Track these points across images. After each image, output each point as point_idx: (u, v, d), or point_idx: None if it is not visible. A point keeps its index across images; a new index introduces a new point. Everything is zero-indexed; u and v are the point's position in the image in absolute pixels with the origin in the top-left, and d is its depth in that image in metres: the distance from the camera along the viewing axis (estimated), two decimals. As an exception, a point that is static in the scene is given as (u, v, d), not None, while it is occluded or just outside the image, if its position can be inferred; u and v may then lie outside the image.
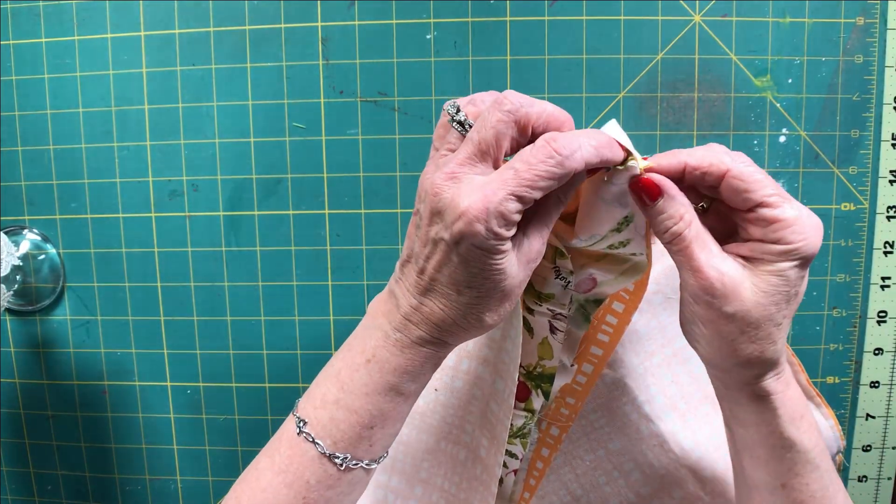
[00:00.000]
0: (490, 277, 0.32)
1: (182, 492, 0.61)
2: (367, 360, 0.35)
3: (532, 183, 0.30)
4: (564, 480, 0.52)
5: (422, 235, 0.33)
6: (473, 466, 0.47)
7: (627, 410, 0.51)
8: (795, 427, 0.36)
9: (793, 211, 0.32)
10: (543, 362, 0.42)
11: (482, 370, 0.47)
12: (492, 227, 0.30)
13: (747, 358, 0.35)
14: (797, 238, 0.32)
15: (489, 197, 0.30)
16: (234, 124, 0.56)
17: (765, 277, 0.33)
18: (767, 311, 0.33)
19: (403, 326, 0.34)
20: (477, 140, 0.32)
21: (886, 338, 0.56)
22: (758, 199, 0.32)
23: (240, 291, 0.58)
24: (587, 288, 0.41)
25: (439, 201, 0.31)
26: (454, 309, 0.33)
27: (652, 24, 0.53)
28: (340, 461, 0.35)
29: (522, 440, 0.44)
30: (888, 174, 0.54)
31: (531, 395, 0.43)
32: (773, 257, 0.33)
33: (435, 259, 0.32)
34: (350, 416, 0.34)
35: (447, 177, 0.32)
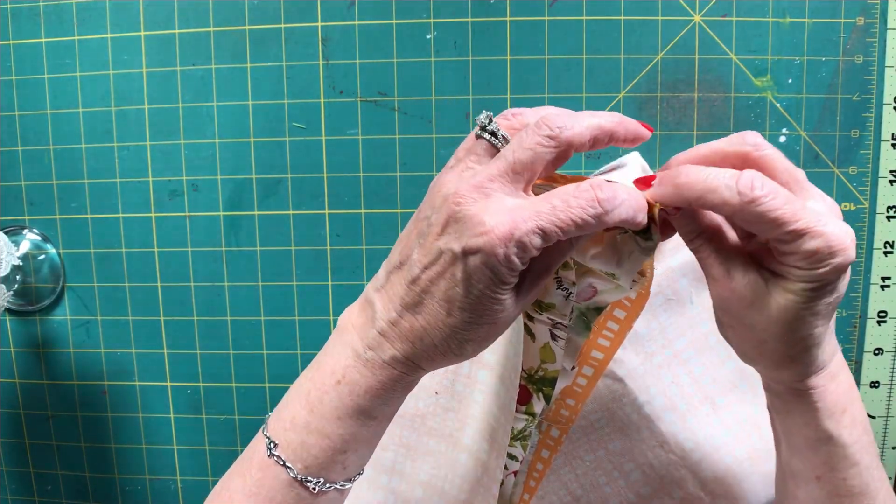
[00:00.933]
0: (486, 304, 0.30)
1: (182, 492, 0.61)
2: (336, 382, 0.33)
3: (564, 225, 0.29)
4: (564, 481, 0.52)
5: (427, 243, 0.31)
6: (475, 469, 0.47)
7: (627, 411, 0.51)
8: (835, 421, 0.34)
9: (812, 243, 0.28)
10: (545, 366, 0.42)
11: (484, 374, 0.47)
12: (510, 254, 0.28)
13: (777, 363, 0.33)
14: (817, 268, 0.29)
15: (518, 223, 0.28)
16: (234, 124, 0.56)
17: (787, 296, 0.30)
18: (793, 325, 0.31)
19: (377, 343, 0.32)
20: (511, 160, 0.30)
21: (886, 338, 0.56)
22: (769, 236, 0.30)
23: (240, 291, 0.58)
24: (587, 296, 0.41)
25: (460, 211, 0.29)
26: (438, 330, 0.31)
27: (652, 24, 0.53)
28: (313, 485, 0.33)
29: (523, 442, 0.44)
30: (888, 174, 0.54)
31: (532, 398, 0.43)
32: (795, 279, 0.30)
33: (434, 270, 0.30)
34: (322, 440, 0.33)
35: (474, 188, 0.30)
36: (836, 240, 0.29)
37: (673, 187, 0.31)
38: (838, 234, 0.29)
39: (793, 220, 0.28)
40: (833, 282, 0.30)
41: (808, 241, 0.28)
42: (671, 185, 0.31)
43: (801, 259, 0.29)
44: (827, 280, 0.29)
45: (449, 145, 0.56)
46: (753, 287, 0.31)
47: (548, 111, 0.32)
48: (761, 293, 0.31)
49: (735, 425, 0.51)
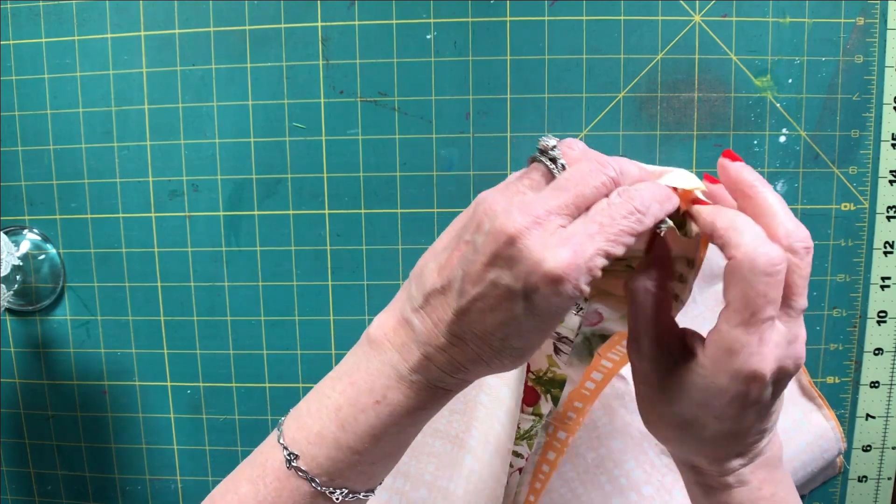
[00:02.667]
0: (547, 329, 0.30)
1: (182, 492, 0.61)
2: (375, 402, 0.31)
3: (617, 239, 0.28)
4: (566, 478, 0.52)
5: (473, 272, 0.29)
6: (479, 472, 0.47)
7: (630, 409, 0.51)
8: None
9: (736, 336, 0.29)
10: (553, 369, 0.42)
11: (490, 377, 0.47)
12: (580, 285, 0.28)
13: (655, 434, 0.34)
14: (718, 362, 0.29)
15: (579, 253, 0.27)
16: (234, 124, 0.56)
17: (682, 380, 0.31)
18: (677, 416, 0.32)
19: (423, 367, 0.31)
20: (576, 193, 0.29)
21: (886, 338, 0.56)
22: (726, 296, 0.29)
23: (240, 291, 0.58)
24: (593, 321, 0.41)
25: (514, 246, 0.28)
26: (492, 353, 0.30)
27: (652, 24, 0.53)
28: (337, 496, 0.32)
29: (529, 441, 0.44)
30: (888, 174, 0.55)
31: (540, 399, 0.43)
32: (697, 365, 0.31)
33: (486, 302, 0.29)
34: (351, 456, 0.32)
35: (532, 220, 0.28)
36: (749, 354, 0.29)
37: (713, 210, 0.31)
38: (759, 354, 0.29)
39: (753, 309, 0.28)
40: (725, 395, 0.30)
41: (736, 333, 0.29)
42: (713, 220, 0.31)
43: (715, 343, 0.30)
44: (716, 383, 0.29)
45: (449, 145, 0.56)
46: (662, 355, 0.32)
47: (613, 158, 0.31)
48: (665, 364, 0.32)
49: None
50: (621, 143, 0.55)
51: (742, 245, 0.29)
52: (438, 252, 0.31)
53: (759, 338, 0.29)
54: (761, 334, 0.29)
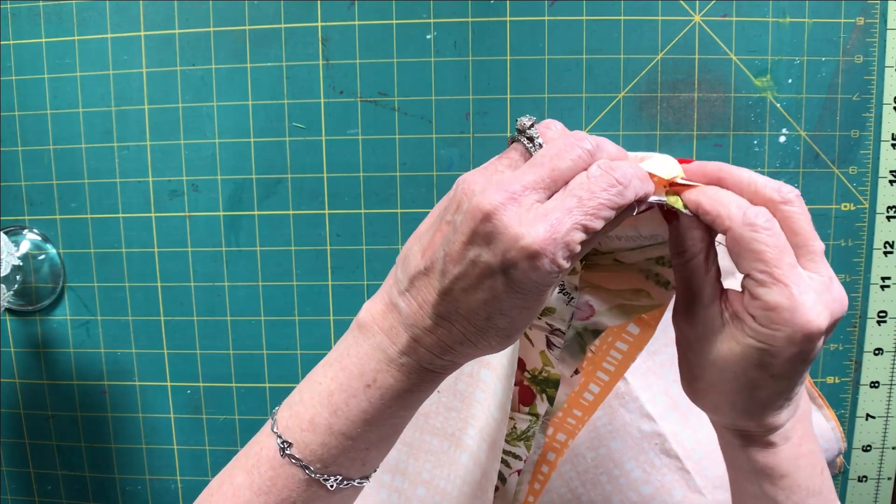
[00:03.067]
0: (532, 306, 0.30)
1: (182, 492, 0.61)
2: (366, 385, 0.31)
3: (596, 212, 0.28)
4: (566, 478, 0.52)
5: (453, 252, 0.29)
6: (474, 470, 0.47)
7: (630, 409, 0.51)
8: (771, 483, 0.34)
9: (777, 296, 0.29)
10: (548, 368, 0.42)
11: (485, 374, 0.47)
12: (557, 259, 0.27)
13: (705, 405, 0.34)
14: (769, 325, 0.29)
15: (556, 227, 0.27)
16: (234, 124, 0.56)
17: (731, 344, 0.31)
18: (724, 377, 0.32)
19: (412, 349, 0.31)
20: (551, 167, 0.29)
21: (886, 338, 0.56)
22: (745, 269, 0.30)
23: (240, 291, 0.58)
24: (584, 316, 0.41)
25: (490, 223, 0.28)
26: (478, 333, 0.30)
27: (652, 24, 0.53)
28: (331, 483, 0.32)
29: (526, 442, 0.44)
30: (888, 174, 0.54)
31: (536, 399, 0.43)
32: (746, 329, 0.30)
33: (467, 281, 0.29)
34: (344, 441, 0.32)
35: (507, 196, 0.28)
36: (802, 310, 0.28)
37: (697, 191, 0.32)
38: (808, 307, 0.28)
39: (773, 264, 0.29)
40: (779, 354, 0.29)
41: (774, 293, 0.29)
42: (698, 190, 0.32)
43: (760, 309, 0.29)
44: (773, 347, 0.29)
45: (449, 145, 0.56)
46: (707, 323, 0.32)
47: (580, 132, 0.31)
48: (711, 333, 0.32)
49: (735, 425, 0.51)
50: (621, 144, 0.55)
51: (732, 215, 0.30)
52: (422, 235, 0.32)
53: (798, 289, 0.29)
54: (797, 284, 0.29)
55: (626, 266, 0.39)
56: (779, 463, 0.33)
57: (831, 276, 0.30)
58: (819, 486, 0.35)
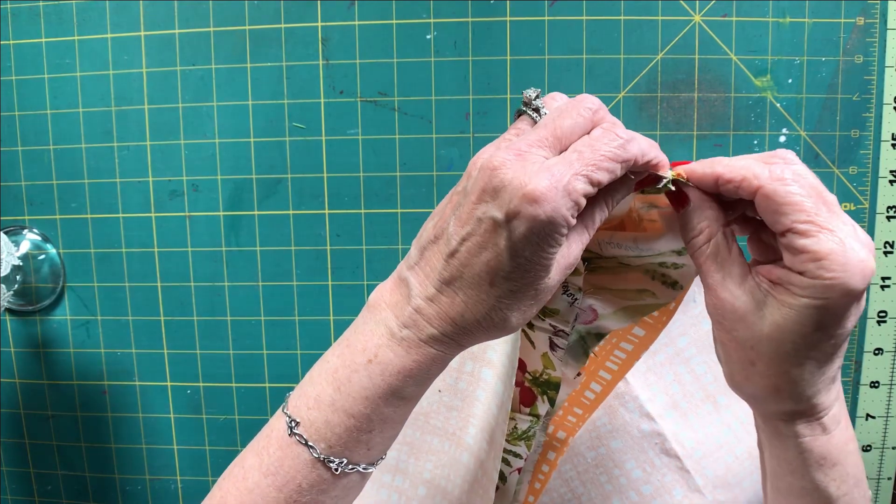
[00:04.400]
0: (533, 270, 0.29)
1: (182, 492, 0.61)
2: (367, 361, 0.32)
3: (598, 163, 0.29)
4: (566, 478, 0.52)
5: (463, 213, 0.30)
6: (475, 469, 0.47)
7: (629, 408, 0.51)
8: (823, 473, 0.33)
9: (828, 243, 0.28)
10: (548, 371, 0.42)
11: (486, 373, 0.47)
12: (559, 209, 0.28)
13: (763, 391, 0.32)
14: (825, 275, 0.28)
15: (557, 177, 0.28)
16: (234, 124, 0.56)
17: (784, 311, 0.29)
18: (782, 348, 0.30)
19: (413, 322, 0.31)
20: (553, 126, 0.30)
21: (886, 338, 0.56)
22: (787, 224, 0.29)
23: (240, 291, 0.58)
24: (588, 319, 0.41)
25: (497, 177, 0.29)
26: (480, 303, 0.30)
27: (652, 24, 0.54)
28: (336, 466, 0.32)
29: (527, 442, 0.44)
30: (888, 174, 0.55)
31: (537, 400, 0.43)
32: (797, 290, 0.29)
33: (473, 240, 0.29)
34: (347, 419, 0.32)
35: (513, 153, 0.29)
36: (855, 255, 0.28)
37: (707, 163, 0.32)
38: (858, 249, 0.28)
39: (814, 212, 0.28)
40: (837, 308, 0.28)
41: (822, 241, 0.28)
42: (706, 161, 0.32)
43: (811, 261, 0.28)
44: (831, 300, 0.28)
45: (449, 145, 0.56)
46: (748, 298, 0.31)
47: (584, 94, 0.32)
48: (757, 307, 0.30)
49: (736, 424, 0.51)
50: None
51: (758, 173, 0.29)
52: (435, 213, 0.33)
53: (843, 233, 0.28)
54: (840, 229, 0.28)
55: (632, 268, 0.39)
56: (832, 450, 0.33)
57: (853, 223, 0.30)
58: (862, 475, 0.34)
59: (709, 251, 0.32)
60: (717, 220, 0.32)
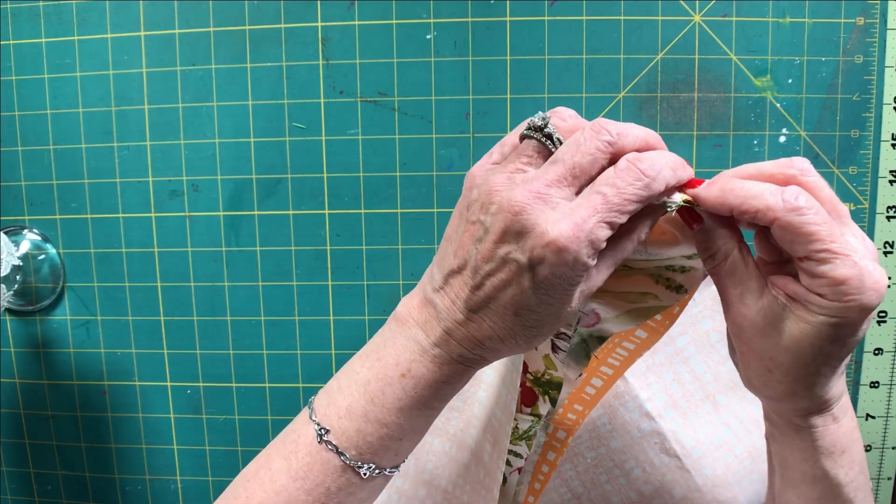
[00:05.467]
0: (556, 304, 0.31)
1: (182, 492, 0.61)
2: (401, 375, 0.33)
3: (621, 207, 0.29)
4: (566, 478, 0.52)
5: (485, 250, 0.31)
6: (476, 470, 0.47)
7: (629, 408, 0.51)
8: (833, 461, 0.34)
9: (845, 269, 0.28)
10: (550, 371, 0.42)
11: (488, 374, 0.47)
12: (581, 256, 0.29)
13: (780, 395, 0.33)
14: (843, 298, 0.29)
15: (580, 225, 0.28)
16: (234, 124, 0.56)
17: (802, 326, 0.30)
18: (801, 359, 0.31)
19: (444, 343, 0.32)
20: (572, 164, 0.30)
21: (886, 338, 0.56)
22: (804, 252, 0.29)
23: (240, 291, 0.58)
24: (590, 323, 0.41)
25: (519, 222, 0.29)
26: (506, 329, 0.32)
27: (652, 24, 0.54)
28: (365, 471, 0.34)
29: (528, 441, 0.44)
30: (888, 174, 0.55)
31: (538, 400, 0.43)
32: (816, 308, 0.30)
33: (498, 278, 0.30)
34: (380, 429, 0.33)
35: (534, 196, 0.29)
36: (870, 277, 0.29)
37: (719, 190, 0.31)
38: (873, 272, 0.29)
39: (829, 240, 0.29)
40: (854, 323, 0.29)
41: (841, 267, 0.29)
42: (718, 187, 0.31)
43: (829, 286, 0.29)
44: (848, 318, 0.29)
45: (449, 145, 0.56)
46: (767, 313, 0.31)
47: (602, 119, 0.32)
48: (775, 320, 0.31)
49: (736, 423, 0.51)
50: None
51: (771, 205, 0.29)
52: (451, 237, 0.33)
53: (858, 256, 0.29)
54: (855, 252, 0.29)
55: (637, 270, 0.39)
56: (840, 438, 0.34)
57: (862, 234, 0.31)
58: (864, 462, 0.36)
59: (726, 268, 0.32)
60: (733, 238, 0.32)
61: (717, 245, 0.32)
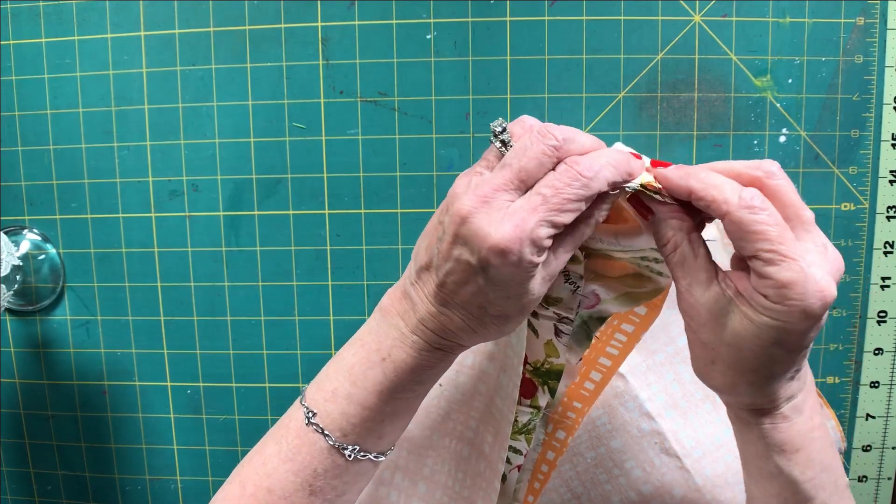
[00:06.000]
0: (513, 296, 0.32)
1: (182, 492, 0.61)
2: (382, 359, 0.35)
3: (560, 207, 0.30)
4: (566, 478, 0.52)
5: (443, 250, 0.32)
6: (477, 463, 0.47)
7: (629, 408, 0.51)
8: (786, 458, 0.34)
9: (789, 272, 0.29)
10: (551, 359, 0.42)
11: (487, 365, 0.47)
12: (524, 255, 0.30)
13: (720, 387, 0.34)
14: (784, 301, 0.29)
15: (521, 226, 0.30)
16: (234, 124, 0.56)
17: (745, 323, 0.31)
18: (742, 355, 0.32)
19: (420, 331, 0.34)
20: (517, 168, 0.31)
21: (886, 338, 0.56)
22: (751, 251, 0.30)
23: (240, 291, 0.58)
24: (590, 304, 0.41)
25: (465, 226, 0.31)
26: (475, 321, 0.34)
27: (652, 24, 0.54)
28: (349, 452, 0.35)
29: (527, 436, 0.44)
30: (888, 174, 0.55)
31: (538, 391, 0.43)
32: (759, 308, 0.30)
33: (456, 277, 0.32)
34: (362, 411, 0.35)
35: (479, 200, 0.31)
36: (815, 284, 0.29)
37: (684, 172, 0.32)
38: (819, 278, 0.29)
39: (777, 242, 0.29)
40: (797, 330, 0.30)
41: (784, 270, 0.29)
42: (683, 170, 0.32)
43: (772, 287, 0.29)
44: (790, 323, 0.29)
45: (449, 145, 0.56)
46: (712, 306, 0.32)
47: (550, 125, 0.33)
48: (720, 314, 0.32)
49: (735, 424, 0.51)
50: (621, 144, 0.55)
51: (728, 198, 0.30)
52: (426, 233, 0.35)
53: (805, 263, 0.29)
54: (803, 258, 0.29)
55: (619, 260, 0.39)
56: (793, 437, 0.34)
57: (825, 242, 0.31)
58: (830, 461, 0.35)
59: (676, 258, 0.33)
60: (683, 230, 0.33)
61: (668, 235, 0.33)
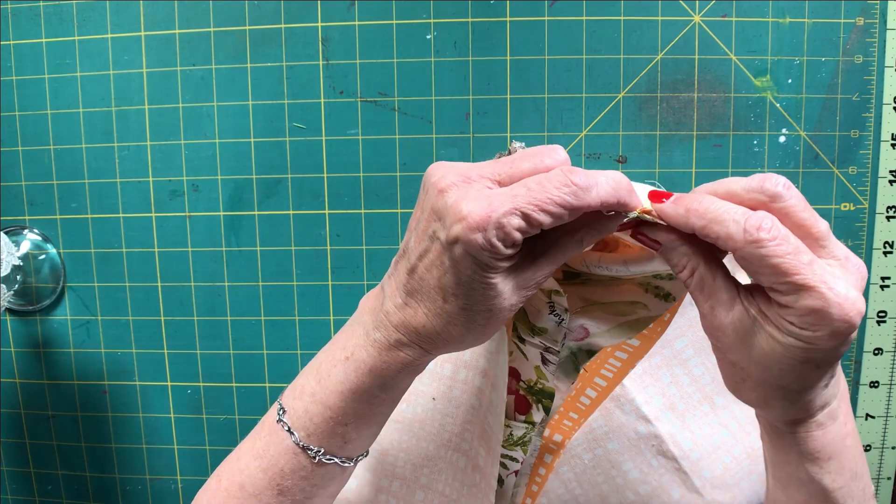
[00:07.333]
0: (478, 290, 0.30)
1: (182, 492, 0.61)
2: (345, 358, 0.34)
3: (541, 204, 0.28)
4: (564, 479, 0.52)
5: (420, 230, 0.32)
6: (473, 474, 0.47)
7: (626, 411, 0.51)
8: (818, 466, 0.33)
9: (810, 301, 0.27)
10: (542, 381, 0.42)
11: (480, 381, 0.47)
12: (490, 238, 0.28)
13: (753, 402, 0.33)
14: (811, 327, 0.28)
15: (494, 207, 0.28)
16: (234, 124, 0.56)
17: (772, 343, 0.29)
18: (772, 373, 0.30)
19: (384, 326, 0.33)
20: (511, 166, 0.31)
21: (886, 338, 0.56)
22: (767, 284, 0.28)
23: (240, 291, 0.58)
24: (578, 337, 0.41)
25: (442, 199, 0.30)
26: (437, 317, 0.32)
27: (652, 24, 0.53)
28: (313, 454, 0.34)
29: (523, 447, 0.44)
30: (888, 174, 0.54)
31: (532, 408, 0.43)
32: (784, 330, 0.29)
33: (428, 258, 0.31)
34: (324, 410, 0.34)
35: (462, 178, 0.30)
36: (838, 304, 0.27)
37: (684, 210, 0.30)
38: (843, 298, 0.27)
39: (793, 272, 0.27)
40: (826, 349, 0.28)
41: (805, 299, 0.27)
42: (684, 206, 0.30)
43: (796, 316, 0.28)
44: (818, 345, 0.28)
45: (449, 145, 0.56)
46: (737, 326, 0.31)
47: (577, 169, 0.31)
48: (746, 334, 0.30)
49: (734, 424, 0.51)
50: (621, 144, 0.55)
51: (732, 234, 0.28)
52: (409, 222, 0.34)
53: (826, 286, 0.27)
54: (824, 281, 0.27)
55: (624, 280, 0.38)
56: (827, 444, 0.33)
57: (846, 253, 0.30)
58: (861, 469, 0.35)
59: (694, 283, 0.32)
60: (696, 254, 0.32)
61: (682, 263, 0.32)
